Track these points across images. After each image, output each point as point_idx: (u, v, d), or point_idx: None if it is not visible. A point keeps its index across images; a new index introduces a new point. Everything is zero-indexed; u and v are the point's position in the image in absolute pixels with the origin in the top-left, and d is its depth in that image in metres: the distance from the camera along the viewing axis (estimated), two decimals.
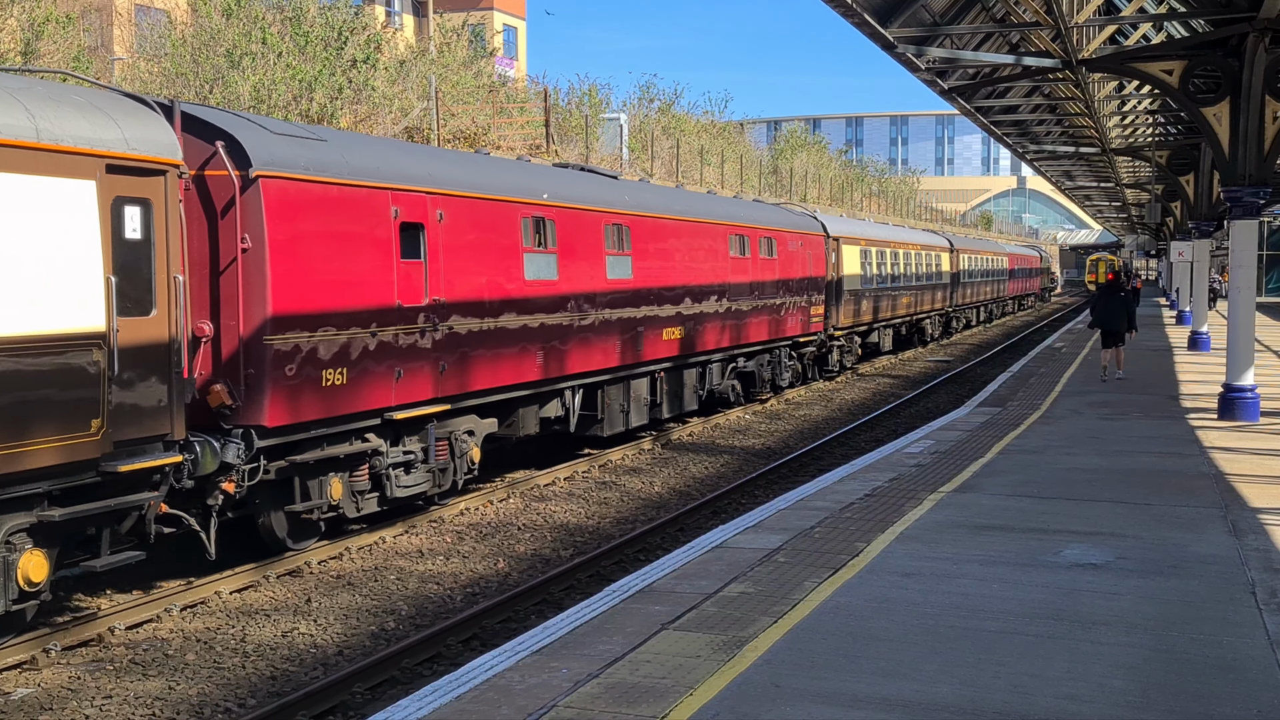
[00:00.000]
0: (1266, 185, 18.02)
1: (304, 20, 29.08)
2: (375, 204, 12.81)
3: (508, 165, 17.39)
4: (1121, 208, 72.59)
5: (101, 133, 9.75)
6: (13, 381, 8.89)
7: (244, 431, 11.28)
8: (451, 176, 14.43)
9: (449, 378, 14.07)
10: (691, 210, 21.81)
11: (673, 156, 44.16)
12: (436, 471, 14.11)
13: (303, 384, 11.84)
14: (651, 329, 19.49)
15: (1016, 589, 8.90)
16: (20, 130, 9.06)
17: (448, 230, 13.99)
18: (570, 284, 16.90)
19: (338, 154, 12.62)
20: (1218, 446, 15.93)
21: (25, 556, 9.19)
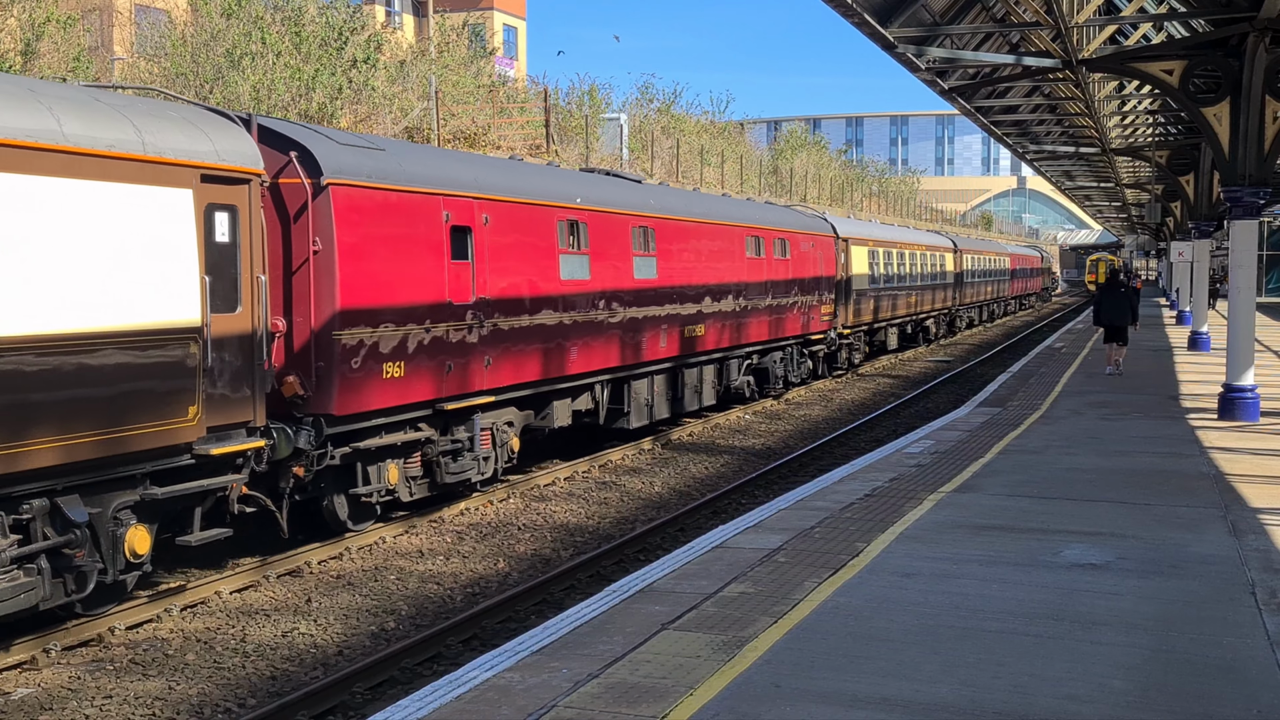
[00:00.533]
0: (1266, 185, 18.01)
1: (304, 20, 29.08)
2: (429, 209, 13.76)
3: (544, 171, 18.57)
4: (1121, 208, 72.58)
5: (196, 145, 10.66)
6: (126, 372, 9.82)
7: (314, 420, 12.18)
8: (495, 182, 15.35)
9: (492, 371, 15.00)
10: (711, 213, 22.70)
11: (672, 156, 44.17)
12: (480, 459, 14.95)
13: (366, 376, 12.79)
14: (674, 326, 20.40)
15: (1016, 589, 8.90)
16: (129, 144, 9.96)
17: (492, 233, 14.95)
18: (601, 283, 17.84)
19: (395, 162, 13.56)
20: (1218, 446, 15.92)
21: (131, 531, 10.05)
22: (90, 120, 9.73)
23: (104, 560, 9.81)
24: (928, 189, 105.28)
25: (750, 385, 24.93)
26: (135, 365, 9.87)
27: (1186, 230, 37.89)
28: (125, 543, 9.98)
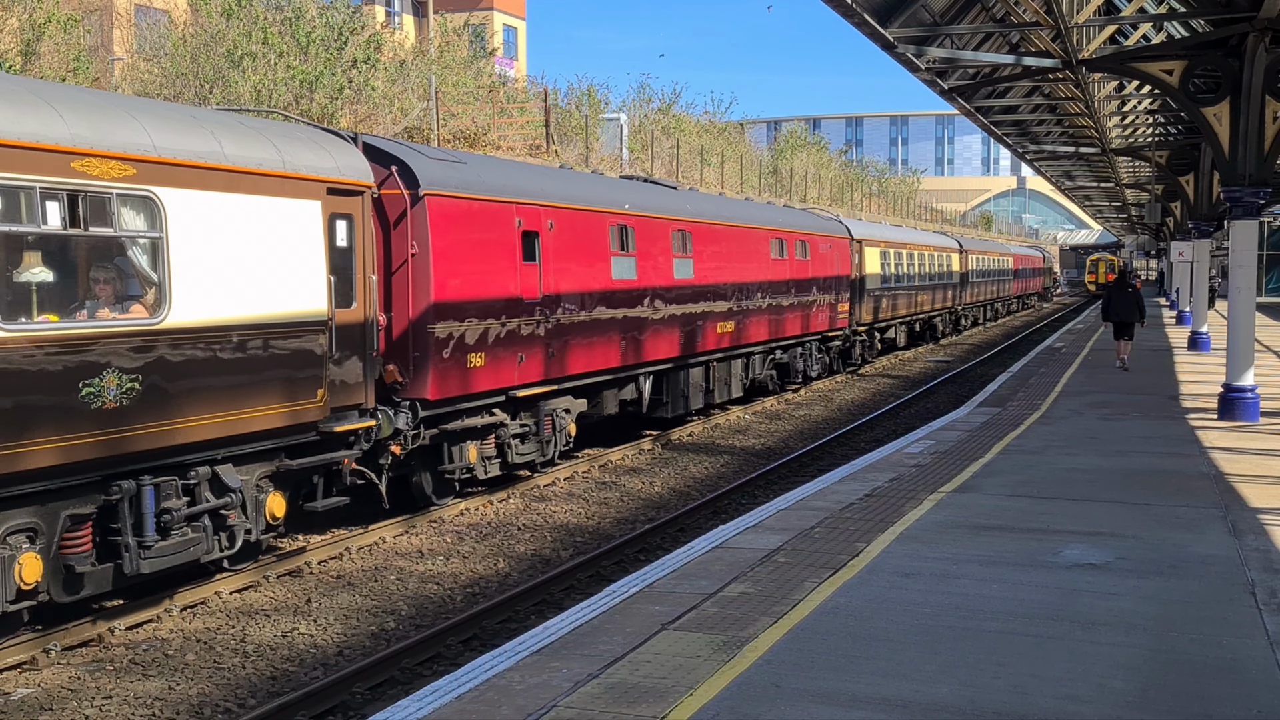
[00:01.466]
0: (1266, 185, 18.01)
1: (304, 20, 29.08)
2: (504, 216, 15.32)
3: (597, 180, 20.09)
4: (1121, 208, 72.59)
5: (322, 162, 12.15)
6: (274, 360, 11.33)
7: (411, 403, 13.63)
8: (557, 191, 16.91)
9: (555, 362, 16.51)
10: (739, 216, 24.16)
11: (672, 156, 44.17)
12: (544, 443, 16.40)
13: (454, 365, 14.27)
14: (708, 323, 21.87)
15: (1016, 589, 8.90)
16: (272, 162, 11.44)
17: (555, 237, 16.47)
18: (646, 282, 19.35)
19: (476, 174, 15.12)
20: (1218, 446, 15.92)
21: (270, 497, 11.60)
22: (243, 142, 11.20)
23: (249, 521, 11.32)
24: (928, 189, 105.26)
25: (773, 379, 26.49)
26: (280, 353, 11.39)
27: (1186, 230, 37.89)
28: (266, 507, 11.56)
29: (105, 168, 9.67)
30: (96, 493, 9.83)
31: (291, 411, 11.51)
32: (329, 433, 12.11)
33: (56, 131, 9.30)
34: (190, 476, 10.65)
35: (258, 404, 11.09)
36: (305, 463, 11.99)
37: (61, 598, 9.78)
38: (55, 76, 23.23)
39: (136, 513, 10.12)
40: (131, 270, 10.17)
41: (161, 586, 11.17)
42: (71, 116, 9.55)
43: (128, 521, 10.06)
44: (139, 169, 9.93)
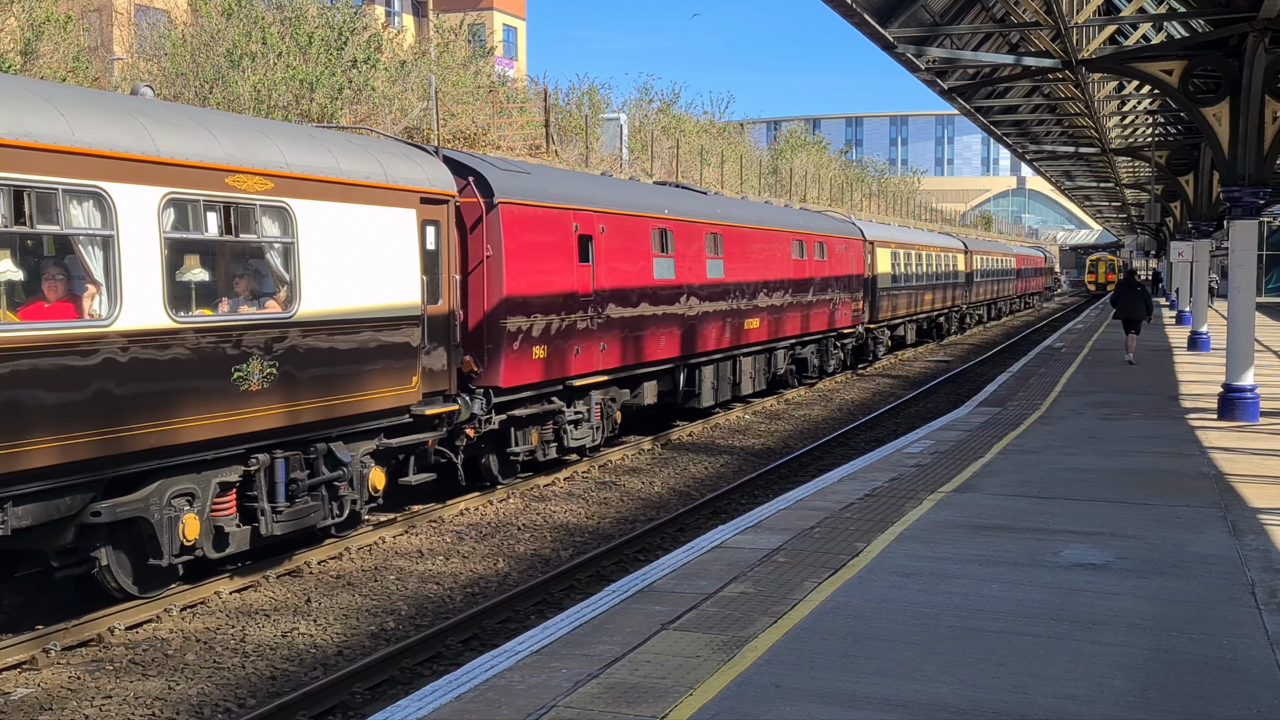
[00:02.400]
0: (1266, 185, 18.00)
1: (304, 20, 29.07)
2: (563, 221, 16.79)
3: (639, 186, 22.01)
4: (1121, 208, 72.57)
5: (415, 174, 13.65)
6: (381, 350, 12.83)
7: (484, 391, 15.05)
8: (608, 198, 18.46)
9: (605, 355, 17.99)
10: (764, 219, 25.64)
11: (672, 156, 44.16)
12: (593, 429, 17.83)
13: (521, 356, 15.72)
14: (736, 320, 23.29)
15: (1016, 589, 8.90)
16: (377, 176, 12.94)
17: (606, 240, 17.96)
18: (683, 281, 20.81)
19: (539, 183, 16.65)
20: (1217, 446, 15.92)
21: (373, 472, 13.03)
22: (354, 158, 12.68)
23: (355, 493, 12.73)
24: (927, 189, 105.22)
25: (792, 373, 27.99)
26: (385, 344, 12.88)
27: (1186, 230, 37.88)
28: (369, 481, 12.98)
29: (250, 182, 11.18)
30: (239, 464, 11.29)
31: (392, 395, 13.12)
32: (420, 415, 13.65)
33: (214, 152, 10.84)
34: (311, 452, 12.17)
35: (367, 388, 12.70)
36: (401, 442, 13.57)
37: (211, 554, 11.15)
38: (55, 76, 23.23)
39: (270, 482, 11.62)
40: (268, 271, 11.70)
41: (283, 550, 12.42)
42: (224, 138, 11.05)
43: (264, 490, 11.55)
44: (276, 183, 11.48)
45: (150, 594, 10.75)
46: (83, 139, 9.60)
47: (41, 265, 9.90)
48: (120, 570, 10.52)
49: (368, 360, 12.66)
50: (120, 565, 10.53)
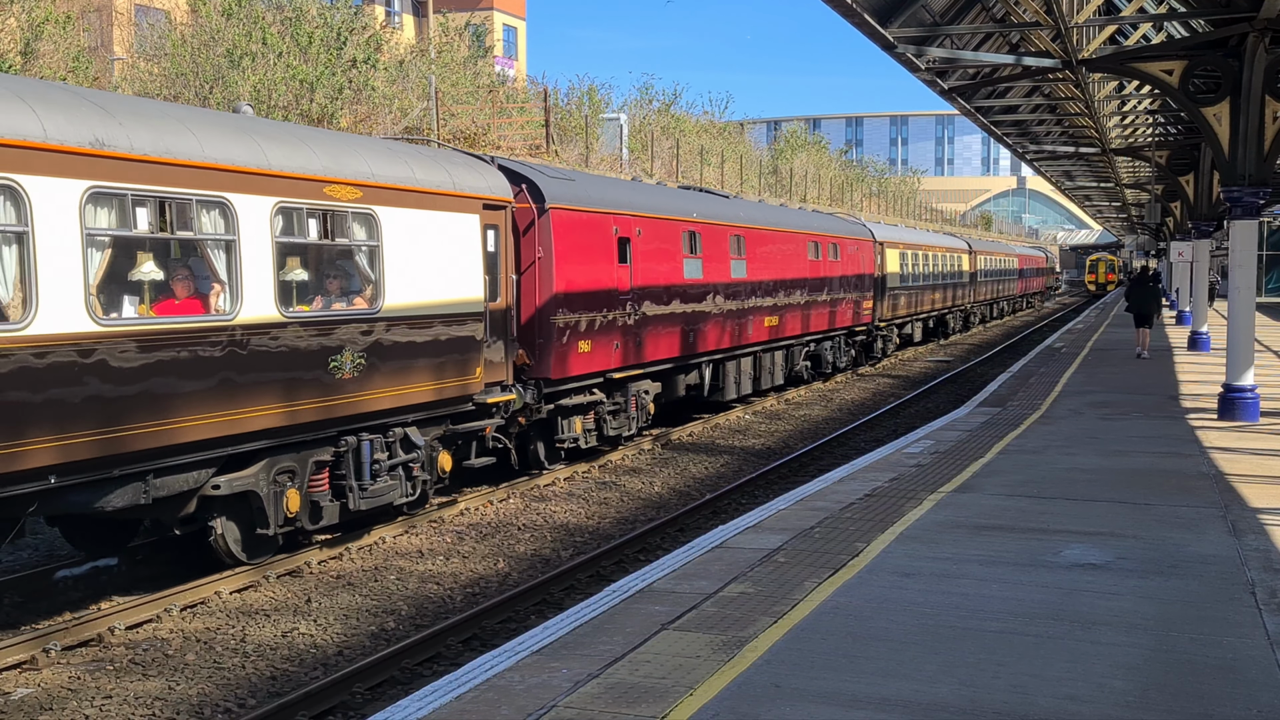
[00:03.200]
0: (1266, 185, 17.99)
1: (304, 20, 29.06)
2: (604, 224, 18.08)
3: (670, 192, 23.11)
4: (1121, 208, 72.56)
5: (478, 182, 14.92)
6: (450, 344, 14.08)
7: (535, 382, 16.30)
8: (643, 202, 19.77)
9: (641, 350, 19.22)
10: (782, 222, 27.03)
11: (672, 156, 44.15)
12: (629, 419, 19.14)
13: (569, 350, 16.91)
14: (757, 317, 24.58)
15: (1016, 589, 8.90)
16: (446, 184, 14.18)
17: (642, 242, 19.21)
18: (710, 281, 22.03)
19: (583, 190, 17.86)
20: (1218, 446, 15.92)
21: (442, 455, 14.34)
22: (427, 168, 14.00)
23: (426, 474, 13.90)
24: (927, 189, 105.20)
25: (808, 369, 29.35)
26: (454, 337, 14.15)
27: (1186, 230, 37.88)
28: (438, 463, 14.24)
29: (344, 192, 12.41)
30: (331, 445, 12.49)
31: (459, 385, 14.35)
32: (482, 403, 14.90)
33: (314, 165, 12.08)
34: (390, 435, 13.29)
35: (438, 378, 13.90)
36: (465, 428, 14.77)
37: (308, 525, 12.37)
38: (55, 76, 23.22)
39: (356, 462, 12.74)
40: (355, 271, 12.89)
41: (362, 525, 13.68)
42: (320, 152, 12.28)
43: (351, 469, 12.68)
44: (364, 192, 12.71)
45: (256, 561, 11.91)
46: (210, 155, 10.78)
47: (173, 266, 11.08)
48: (231, 539, 11.66)
49: (439, 352, 13.91)
50: (231, 534, 11.67)
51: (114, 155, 9.88)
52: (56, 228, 9.38)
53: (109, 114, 10.07)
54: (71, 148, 9.51)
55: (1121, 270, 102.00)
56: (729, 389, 23.54)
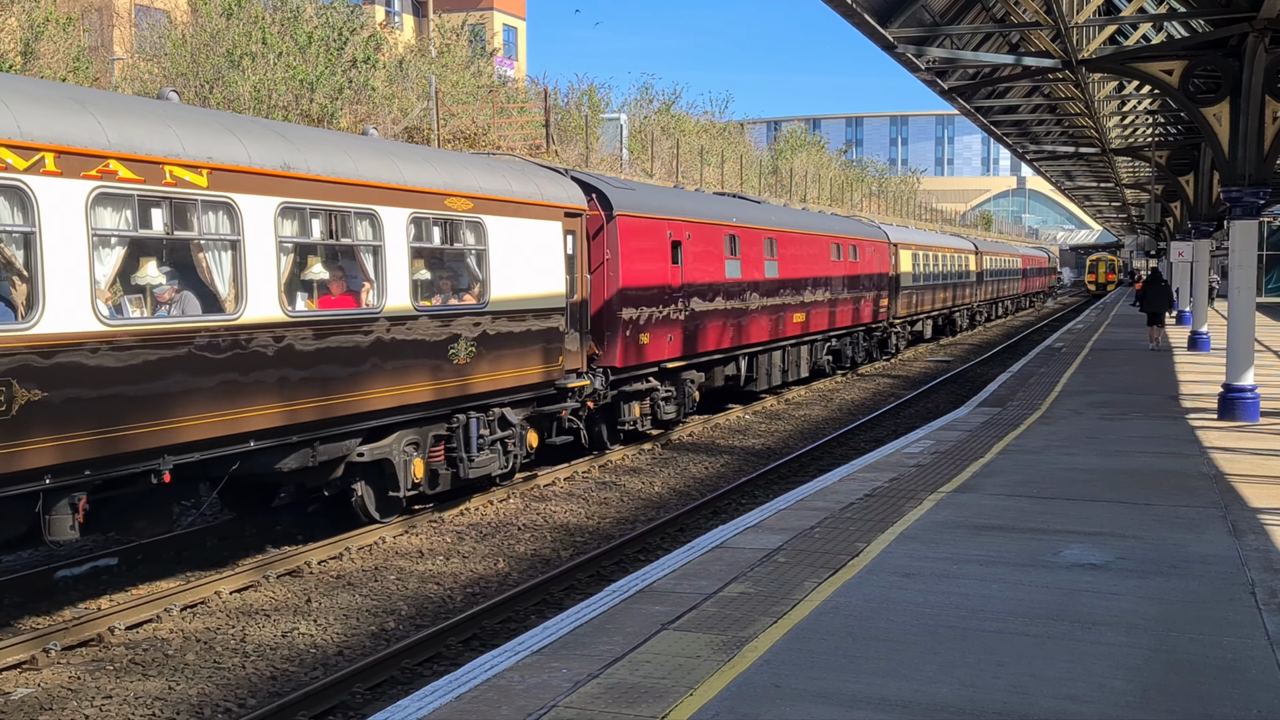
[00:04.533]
0: (1266, 185, 17.99)
1: (304, 20, 29.05)
2: (660, 229, 20.04)
3: (713, 198, 25.04)
4: (1121, 208, 72.56)
5: (559, 193, 16.85)
6: (541, 334, 16.04)
7: (604, 370, 18.14)
8: (692, 208, 21.86)
9: (690, 342, 21.15)
10: (808, 225, 29.15)
11: (672, 156, 44.14)
12: (679, 405, 20.95)
13: (632, 341, 18.83)
14: (786, 314, 26.45)
15: (1016, 589, 8.90)
16: (535, 195, 16.11)
17: (691, 244, 21.18)
18: (747, 280, 23.89)
19: (642, 198, 19.92)
20: (1218, 446, 15.92)
21: (530, 433, 16.14)
22: (520, 181, 15.88)
23: (518, 449, 15.68)
24: (927, 189, 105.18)
25: (829, 363, 31.28)
26: (542, 328, 16.06)
27: (1186, 230, 37.86)
28: (526, 440, 15.97)
29: (459, 203, 14.38)
30: (445, 422, 14.27)
31: (545, 371, 16.14)
32: (563, 388, 16.72)
33: (437, 180, 14.03)
34: (490, 414, 15.06)
35: (530, 364, 15.77)
36: (548, 409, 16.66)
37: (427, 490, 14.12)
38: (55, 76, 23.22)
39: (465, 437, 14.48)
40: (465, 271, 14.81)
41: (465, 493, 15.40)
42: (440, 169, 14.27)
43: (461, 443, 14.45)
44: (474, 203, 14.66)
45: (386, 519, 13.80)
46: (363, 174, 12.71)
47: (333, 267, 12.85)
48: (369, 500, 13.52)
49: (531, 341, 15.80)
50: (369, 496, 13.52)
51: (297, 176, 11.82)
52: (259, 236, 11.31)
53: (290, 142, 12.00)
54: (268, 170, 11.43)
55: (1121, 270, 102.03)
56: (762, 380, 25.42)
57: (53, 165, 9.32)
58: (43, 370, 9.17)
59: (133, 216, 10.12)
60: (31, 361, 9.09)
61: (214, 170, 10.79)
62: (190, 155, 10.60)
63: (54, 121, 9.42)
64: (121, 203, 10.03)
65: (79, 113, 9.71)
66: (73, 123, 9.57)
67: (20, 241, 9.17)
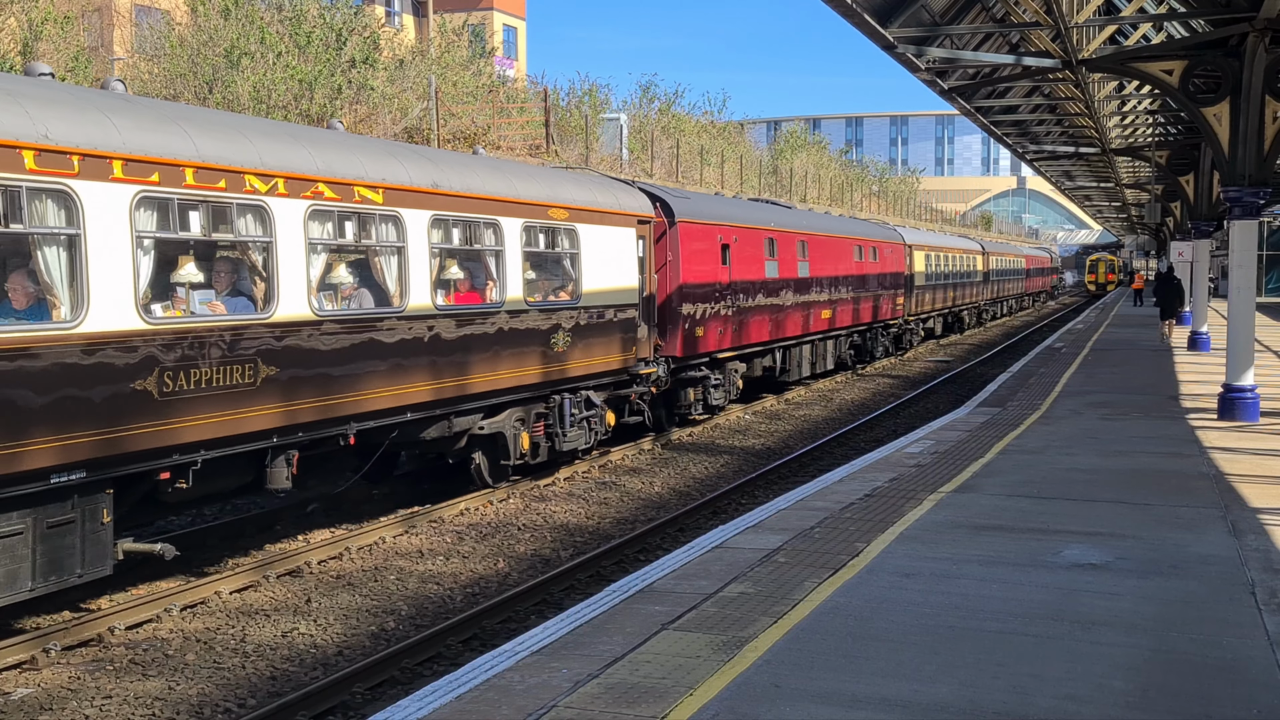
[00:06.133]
0: (1266, 185, 17.99)
1: (304, 20, 29.04)
2: (713, 234, 22.25)
3: (754, 205, 27.75)
4: (1121, 208, 72.56)
5: (632, 203, 19.08)
6: (619, 324, 18.19)
7: (666, 359, 20.20)
8: (737, 214, 24.32)
9: (736, 335, 23.30)
10: (833, 229, 31.54)
11: (673, 156, 44.13)
12: (726, 392, 23.14)
13: (689, 333, 20.97)
14: (815, 310, 28.52)
15: (1016, 589, 8.90)
16: (614, 205, 18.32)
17: (738, 247, 23.33)
18: (783, 278, 26.02)
19: (697, 206, 22.29)
20: (1217, 446, 15.92)
21: (608, 414, 18.23)
22: (603, 193, 18.22)
23: (599, 427, 17.86)
24: (927, 189, 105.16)
25: (851, 357, 33.40)
26: (621, 320, 18.19)
27: (1186, 230, 37.86)
28: (605, 419, 18.14)
29: (559, 213, 16.55)
30: (544, 402, 16.40)
31: (622, 359, 18.33)
32: (635, 374, 18.88)
33: (541, 193, 16.26)
34: (579, 395, 17.19)
35: (611, 352, 17.94)
36: (621, 393, 18.80)
37: (531, 460, 16.17)
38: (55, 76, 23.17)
39: (560, 414, 16.62)
40: (562, 271, 16.97)
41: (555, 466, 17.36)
42: (543, 183, 16.53)
43: (557, 419, 16.60)
44: (570, 213, 16.84)
45: (497, 484, 15.94)
46: (489, 189, 14.97)
47: (465, 268, 14.86)
48: (484, 467, 15.70)
49: (612, 332, 17.97)
50: (484, 464, 15.71)
51: (442, 193, 14.00)
52: (417, 242, 13.47)
53: (435, 164, 14.26)
54: (422, 188, 13.64)
55: (1121, 270, 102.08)
56: (794, 371, 27.58)
57: (283, 189, 11.58)
58: (276, 351, 11.43)
59: (333, 228, 12.40)
60: (269, 344, 11.35)
61: (387, 189, 13.05)
62: (370, 177, 12.84)
63: (284, 154, 11.71)
64: (325, 217, 12.26)
65: (295, 145, 12.03)
66: (294, 154, 11.88)
67: (261, 248, 11.43)
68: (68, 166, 9.46)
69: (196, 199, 10.65)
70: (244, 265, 11.50)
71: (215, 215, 10.95)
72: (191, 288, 10.97)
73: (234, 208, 11.07)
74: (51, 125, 9.40)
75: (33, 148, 9.17)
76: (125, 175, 9.95)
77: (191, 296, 10.94)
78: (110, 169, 9.82)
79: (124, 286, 9.88)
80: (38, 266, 9.46)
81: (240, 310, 11.21)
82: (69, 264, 9.55)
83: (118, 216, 9.86)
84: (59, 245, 9.52)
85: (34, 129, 9.24)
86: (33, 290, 9.56)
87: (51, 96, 9.80)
